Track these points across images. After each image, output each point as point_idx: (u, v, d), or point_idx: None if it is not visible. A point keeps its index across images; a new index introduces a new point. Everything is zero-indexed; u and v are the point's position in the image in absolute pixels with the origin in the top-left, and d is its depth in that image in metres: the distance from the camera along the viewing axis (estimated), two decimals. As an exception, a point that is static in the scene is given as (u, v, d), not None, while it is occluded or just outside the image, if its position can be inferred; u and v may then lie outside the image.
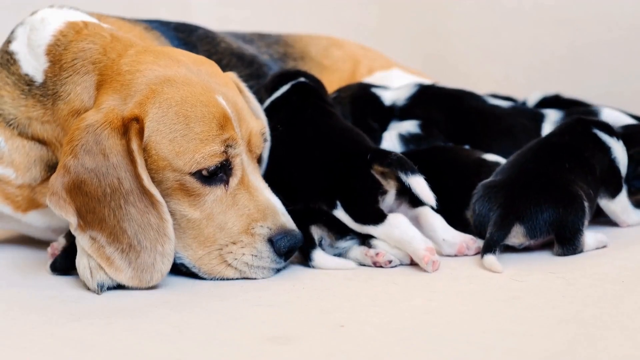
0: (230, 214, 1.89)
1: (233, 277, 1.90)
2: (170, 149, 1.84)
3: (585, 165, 2.11)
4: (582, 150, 2.14)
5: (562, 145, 2.14)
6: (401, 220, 1.95)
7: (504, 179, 2.05)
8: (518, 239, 1.98)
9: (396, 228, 1.94)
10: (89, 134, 1.81)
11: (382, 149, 2.15)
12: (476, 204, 2.03)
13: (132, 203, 1.80)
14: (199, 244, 1.89)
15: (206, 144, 1.84)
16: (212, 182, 1.88)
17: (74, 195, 1.81)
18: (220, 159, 1.87)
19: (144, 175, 1.81)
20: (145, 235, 1.80)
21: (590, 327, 1.54)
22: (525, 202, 1.97)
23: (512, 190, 2.00)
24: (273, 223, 1.90)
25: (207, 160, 1.85)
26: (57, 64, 1.97)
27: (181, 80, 1.88)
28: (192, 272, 1.91)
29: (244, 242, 1.89)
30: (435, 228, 2.02)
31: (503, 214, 1.97)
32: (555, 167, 2.06)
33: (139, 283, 1.81)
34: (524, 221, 1.96)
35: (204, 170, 1.85)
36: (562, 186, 2.01)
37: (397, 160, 1.98)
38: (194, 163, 1.84)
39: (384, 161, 1.99)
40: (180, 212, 1.88)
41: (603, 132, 2.19)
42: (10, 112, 2.01)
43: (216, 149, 1.85)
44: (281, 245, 1.89)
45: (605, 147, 2.17)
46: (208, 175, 1.87)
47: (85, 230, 1.82)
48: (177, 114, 1.84)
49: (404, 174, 1.96)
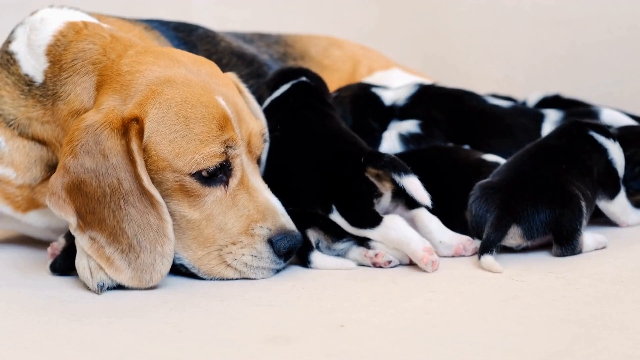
0: (230, 215, 1.89)
1: (232, 277, 1.89)
2: (170, 150, 1.84)
3: (582, 167, 2.11)
4: (578, 152, 2.14)
5: (559, 147, 2.14)
6: (398, 222, 1.95)
7: (501, 180, 2.05)
8: (515, 240, 1.98)
9: (393, 230, 1.94)
10: (88, 135, 1.81)
11: (375, 151, 2.12)
12: (473, 204, 2.03)
13: (131, 203, 1.80)
14: (198, 244, 1.89)
15: (206, 145, 1.84)
16: (212, 182, 1.88)
17: (73, 195, 1.81)
18: (220, 160, 1.86)
19: (143, 175, 1.81)
20: (145, 235, 1.80)
21: (590, 327, 1.54)
22: (522, 203, 1.97)
23: (509, 191, 2.00)
24: (273, 224, 1.90)
25: (206, 161, 1.85)
26: (57, 64, 1.97)
27: (181, 80, 1.88)
28: (191, 272, 1.91)
29: (243, 243, 1.89)
30: (432, 230, 2.01)
31: (500, 215, 1.97)
32: (551, 169, 2.06)
33: (139, 283, 1.81)
34: (520, 222, 1.96)
35: (204, 171, 1.85)
36: (558, 187, 2.01)
37: (391, 162, 1.97)
38: (193, 164, 1.84)
39: (378, 163, 1.98)
40: (180, 213, 1.88)
41: (599, 134, 2.19)
42: (11, 113, 2.01)
43: (216, 149, 1.85)
44: (281, 245, 1.89)
45: (602, 148, 2.17)
46: (208, 176, 1.86)
47: (84, 231, 1.82)
48: (177, 115, 1.84)
49: (398, 175, 1.95)
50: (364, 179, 1.98)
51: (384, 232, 1.94)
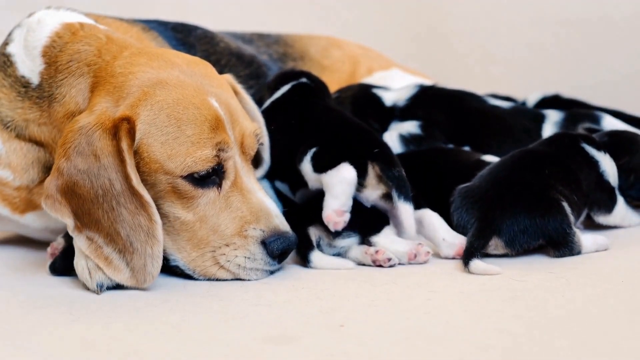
0: (223, 217, 1.89)
1: (226, 278, 1.89)
2: (162, 152, 1.84)
3: (569, 173, 2.09)
4: (568, 160, 2.11)
5: (545, 154, 2.13)
6: (345, 175, 1.96)
7: (480, 187, 2.04)
8: (499, 251, 1.97)
9: (334, 177, 1.96)
10: (81, 136, 1.81)
11: (390, 154, 2.08)
12: (454, 214, 2.03)
13: (123, 205, 1.80)
14: (192, 245, 1.89)
15: (198, 148, 1.84)
16: (205, 184, 1.87)
17: (68, 197, 1.81)
18: (212, 164, 1.86)
19: (132, 175, 1.80)
20: (137, 237, 1.80)
21: (590, 327, 1.54)
22: (501, 214, 1.95)
23: (488, 201, 1.99)
24: (266, 225, 1.90)
25: (198, 165, 1.84)
26: (52, 66, 1.97)
27: (174, 82, 1.88)
28: (186, 274, 1.91)
29: (236, 245, 1.88)
30: (437, 228, 2.03)
31: (480, 227, 1.96)
32: (532, 174, 2.04)
33: (137, 283, 1.81)
34: (500, 235, 1.95)
35: (196, 173, 1.85)
36: (537, 193, 1.99)
37: (397, 179, 1.98)
38: (185, 167, 1.84)
39: (387, 172, 1.98)
40: (173, 215, 1.88)
41: (591, 146, 2.17)
42: (8, 115, 2.01)
43: (208, 153, 1.85)
44: (274, 247, 1.89)
45: (593, 161, 2.15)
46: (200, 178, 1.86)
47: (82, 231, 1.82)
48: (168, 117, 1.84)
49: (398, 196, 1.97)
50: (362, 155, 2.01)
51: (327, 176, 1.98)
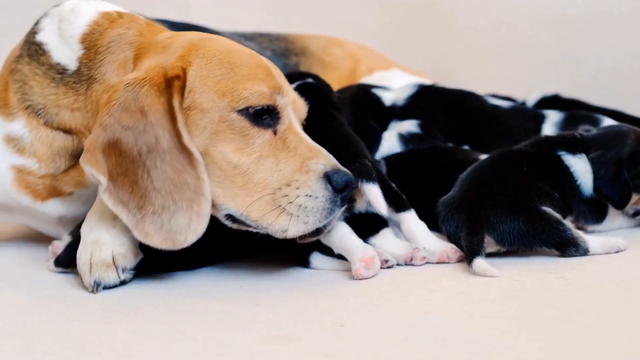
0: (282, 155, 1.85)
1: (284, 223, 1.80)
2: (215, 90, 1.82)
3: (544, 167, 2.09)
4: (548, 162, 2.12)
5: (524, 152, 2.12)
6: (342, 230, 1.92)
7: (460, 190, 2.03)
8: (492, 247, 1.96)
9: (335, 237, 1.91)
10: (127, 92, 1.79)
11: (367, 165, 2.00)
12: (443, 225, 2.02)
13: (168, 162, 1.76)
14: (247, 191, 1.82)
15: (254, 83, 1.83)
16: (260, 123, 1.84)
17: (107, 154, 1.77)
18: (267, 102, 1.84)
19: (184, 132, 1.78)
20: (182, 195, 1.76)
21: (590, 327, 1.54)
22: (485, 214, 1.95)
23: (471, 205, 1.98)
24: (327, 161, 1.86)
25: (254, 97, 1.82)
26: (92, 50, 1.97)
27: (223, 40, 1.90)
28: (239, 220, 1.84)
29: (298, 182, 1.82)
30: (416, 236, 1.99)
31: (470, 225, 1.95)
32: (511, 172, 2.04)
33: (173, 245, 1.76)
34: (489, 231, 1.94)
35: (251, 108, 1.82)
36: (514, 196, 1.98)
37: (358, 167, 1.95)
38: (241, 99, 1.82)
39: (351, 167, 1.93)
40: (226, 160, 1.82)
41: (568, 152, 2.15)
42: (40, 102, 2.01)
43: (264, 90, 1.83)
44: (338, 179, 1.83)
45: (568, 172, 2.14)
46: (255, 115, 1.83)
47: (114, 193, 1.77)
48: (221, 61, 1.84)
49: (360, 180, 1.93)
50: None
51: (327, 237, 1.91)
